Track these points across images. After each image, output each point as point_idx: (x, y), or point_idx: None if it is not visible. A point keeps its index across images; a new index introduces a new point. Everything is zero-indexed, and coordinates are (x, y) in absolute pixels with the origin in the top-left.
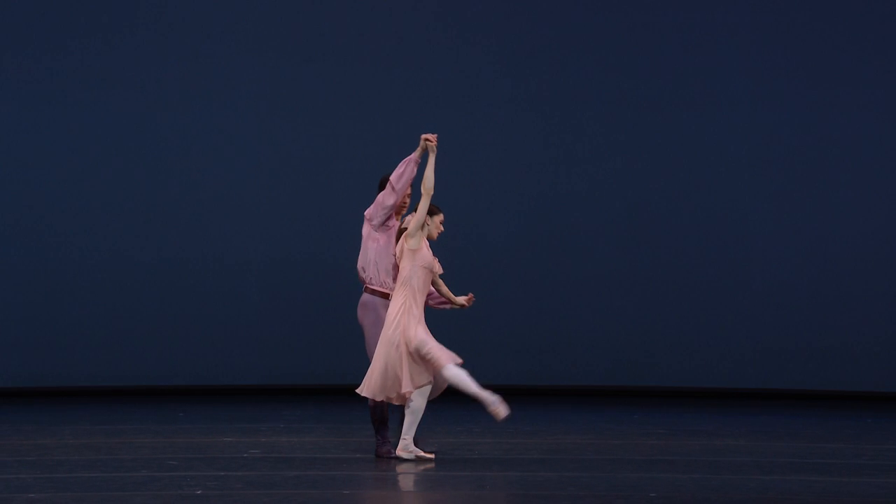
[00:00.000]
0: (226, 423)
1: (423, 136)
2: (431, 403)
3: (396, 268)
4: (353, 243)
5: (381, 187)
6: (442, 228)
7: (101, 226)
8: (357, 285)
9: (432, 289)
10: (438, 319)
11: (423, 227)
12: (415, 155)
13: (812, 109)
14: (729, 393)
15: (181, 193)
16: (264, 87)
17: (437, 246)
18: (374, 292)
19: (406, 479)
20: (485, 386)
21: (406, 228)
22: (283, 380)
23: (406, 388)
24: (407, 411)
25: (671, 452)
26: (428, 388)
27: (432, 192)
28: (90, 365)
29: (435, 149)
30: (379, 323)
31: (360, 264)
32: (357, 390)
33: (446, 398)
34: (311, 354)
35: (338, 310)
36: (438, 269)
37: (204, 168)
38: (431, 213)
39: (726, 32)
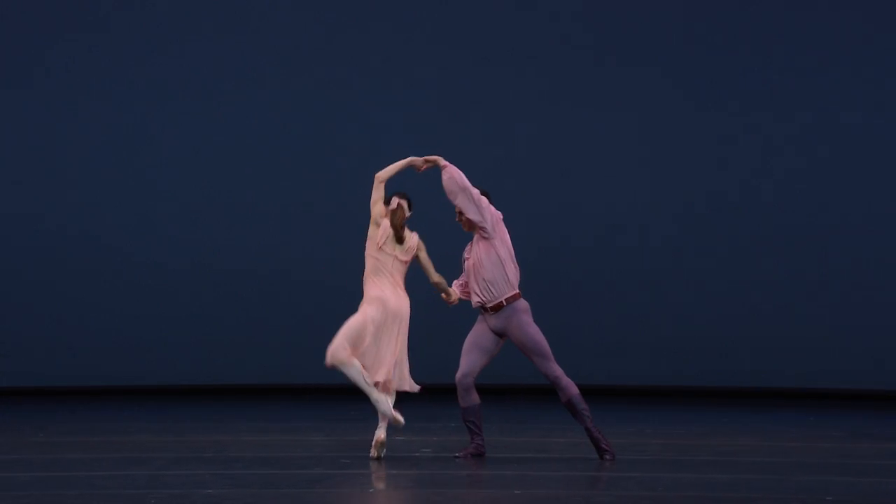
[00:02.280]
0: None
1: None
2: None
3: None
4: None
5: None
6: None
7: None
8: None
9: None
10: (615, 322)
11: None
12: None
13: None
14: None
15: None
16: (272, 90)
17: (621, 244)
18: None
19: (576, 480)
20: (655, 388)
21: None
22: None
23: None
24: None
25: (848, 455)
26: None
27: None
28: (264, 363)
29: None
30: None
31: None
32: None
33: (613, 400)
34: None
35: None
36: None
37: (212, 171)
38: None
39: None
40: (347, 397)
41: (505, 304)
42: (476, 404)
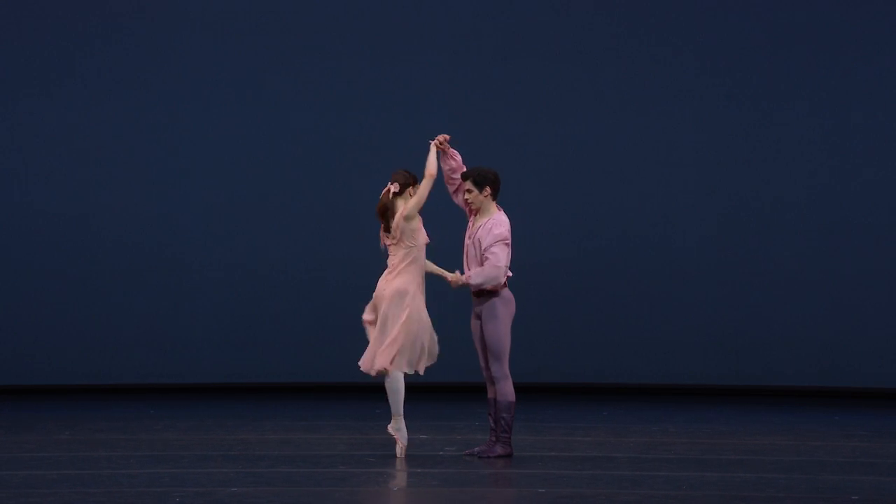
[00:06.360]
0: (422, 420)
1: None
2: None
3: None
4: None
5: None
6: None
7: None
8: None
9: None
10: (626, 317)
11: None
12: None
13: None
14: None
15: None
16: (273, 87)
17: (648, 241)
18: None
19: (600, 478)
20: (680, 387)
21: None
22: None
23: (431, 360)
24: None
25: (873, 454)
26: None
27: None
28: (290, 361)
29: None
30: None
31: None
32: (383, 366)
33: (637, 399)
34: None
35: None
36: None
37: (242, 171)
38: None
39: None
40: (372, 396)
41: (487, 291)
42: (493, 398)
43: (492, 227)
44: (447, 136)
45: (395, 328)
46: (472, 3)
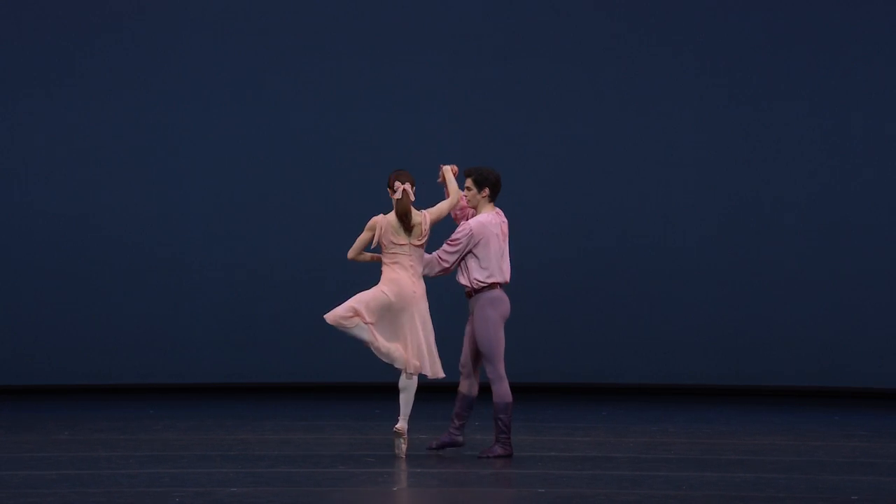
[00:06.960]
0: (423, 420)
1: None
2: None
3: None
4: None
5: None
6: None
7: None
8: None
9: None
10: (627, 316)
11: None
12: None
13: None
14: None
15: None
16: (273, 85)
17: (648, 241)
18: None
19: (600, 478)
20: (680, 387)
21: (403, 215)
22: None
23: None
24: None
25: (873, 454)
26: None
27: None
28: (290, 361)
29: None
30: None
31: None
32: (438, 375)
33: (637, 399)
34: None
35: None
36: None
37: (243, 171)
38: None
39: None
40: (373, 396)
41: (474, 292)
42: (461, 394)
43: (459, 228)
44: (455, 169)
45: (432, 332)
46: (472, 3)
